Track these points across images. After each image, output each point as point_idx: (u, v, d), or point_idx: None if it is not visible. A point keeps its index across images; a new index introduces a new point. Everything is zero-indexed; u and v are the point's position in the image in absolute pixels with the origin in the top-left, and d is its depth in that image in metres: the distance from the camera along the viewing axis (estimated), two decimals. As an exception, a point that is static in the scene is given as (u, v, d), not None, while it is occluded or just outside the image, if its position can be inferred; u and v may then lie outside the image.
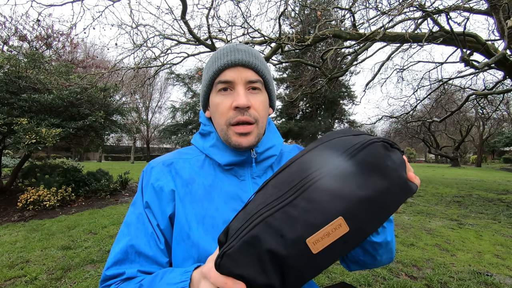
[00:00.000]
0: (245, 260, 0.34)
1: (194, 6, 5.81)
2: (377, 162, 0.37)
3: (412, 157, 43.72)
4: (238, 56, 0.58)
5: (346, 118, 23.34)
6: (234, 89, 0.58)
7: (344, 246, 0.35)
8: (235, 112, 0.57)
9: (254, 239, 0.35)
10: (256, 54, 0.61)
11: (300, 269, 0.35)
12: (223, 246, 0.36)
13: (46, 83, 5.36)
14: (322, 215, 0.35)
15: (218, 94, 0.59)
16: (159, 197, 0.58)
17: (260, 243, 0.35)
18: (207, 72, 0.61)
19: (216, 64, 0.59)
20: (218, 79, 0.58)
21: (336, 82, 11.10)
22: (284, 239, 0.35)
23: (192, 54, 6.27)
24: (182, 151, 0.67)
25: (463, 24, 4.54)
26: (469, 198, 7.09)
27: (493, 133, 25.13)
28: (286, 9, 5.02)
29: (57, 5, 4.87)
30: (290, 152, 0.72)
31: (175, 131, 18.28)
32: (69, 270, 2.66)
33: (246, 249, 0.34)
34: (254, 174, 0.63)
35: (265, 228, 0.35)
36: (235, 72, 0.57)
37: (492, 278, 2.57)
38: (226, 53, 0.59)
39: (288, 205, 0.37)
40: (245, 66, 0.58)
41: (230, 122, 0.58)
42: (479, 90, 9.06)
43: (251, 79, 0.58)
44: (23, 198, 4.96)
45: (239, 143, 0.58)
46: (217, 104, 0.59)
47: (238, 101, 0.56)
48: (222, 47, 0.63)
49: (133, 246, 0.55)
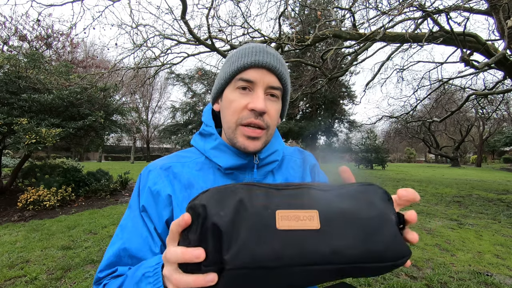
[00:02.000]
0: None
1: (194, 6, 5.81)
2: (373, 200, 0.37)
3: (412, 157, 43.74)
4: (267, 58, 0.56)
5: (346, 118, 23.36)
6: (253, 90, 0.56)
7: (309, 246, 0.32)
8: (249, 114, 0.56)
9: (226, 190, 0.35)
10: (282, 61, 0.59)
11: (254, 238, 0.31)
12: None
13: (46, 83, 5.36)
14: (300, 202, 0.34)
15: (235, 90, 0.57)
16: (156, 201, 0.57)
17: (235, 193, 0.34)
18: (230, 66, 0.58)
19: (242, 60, 0.56)
20: (240, 76, 0.56)
21: (336, 82, 11.10)
22: (255, 199, 0.34)
23: (192, 54, 6.27)
24: (180, 154, 0.66)
25: (463, 24, 4.54)
26: (469, 198, 7.09)
27: (493, 133, 25.14)
28: (286, 9, 5.02)
29: (57, 5, 4.87)
30: (291, 155, 0.71)
31: (175, 131, 18.30)
32: (69, 270, 2.66)
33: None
34: (254, 180, 0.61)
35: (243, 190, 0.35)
36: (259, 73, 0.56)
37: (492, 278, 2.57)
38: (254, 52, 0.57)
39: (273, 188, 0.36)
40: (271, 71, 0.56)
41: (241, 121, 0.56)
42: (479, 90, 9.07)
43: (273, 85, 0.57)
44: (23, 198, 4.96)
45: (246, 146, 0.57)
46: (232, 101, 0.57)
47: (256, 104, 0.54)
48: (251, 44, 0.60)
49: (126, 250, 0.55)
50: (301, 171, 0.68)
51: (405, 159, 44.30)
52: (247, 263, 0.31)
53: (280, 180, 0.65)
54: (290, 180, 0.65)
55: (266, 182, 0.62)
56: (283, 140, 0.71)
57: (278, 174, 0.65)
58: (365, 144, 21.84)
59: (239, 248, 0.31)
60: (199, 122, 17.33)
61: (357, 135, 24.93)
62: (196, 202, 0.34)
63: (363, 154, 21.31)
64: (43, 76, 5.44)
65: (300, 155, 0.72)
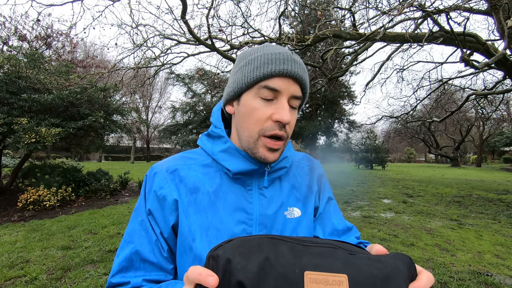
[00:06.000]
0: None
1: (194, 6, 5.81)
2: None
3: (412, 157, 43.74)
4: (295, 68, 0.54)
5: (346, 118, 23.35)
6: (277, 99, 0.54)
7: None
8: (274, 125, 0.54)
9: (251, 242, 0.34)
10: (306, 69, 0.58)
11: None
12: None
13: (46, 83, 5.36)
14: (329, 264, 0.33)
15: (258, 98, 0.55)
16: (162, 206, 0.56)
17: (261, 248, 0.33)
18: (253, 70, 0.55)
19: (268, 67, 0.53)
20: (265, 84, 0.53)
21: (336, 82, 11.10)
22: (282, 257, 0.33)
23: (192, 54, 6.27)
24: (187, 156, 0.64)
25: (463, 24, 4.54)
26: (469, 198, 7.09)
27: (493, 133, 25.14)
28: (286, 9, 5.02)
29: (57, 4, 4.87)
30: (299, 162, 0.70)
31: (175, 131, 18.29)
32: (69, 270, 2.66)
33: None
34: (261, 185, 0.60)
35: (267, 242, 0.34)
36: (285, 82, 0.53)
37: (492, 278, 2.57)
38: (282, 60, 0.54)
39: (299, 244, 0.35)
40: (296, 80, 0.54)
41: (265, 132, 0.54)
42: (479, 90, 9.07)
43: (296, 94, 0.55)
44: (23, 198, 4.96)
45: (266, 157, 0.55)
46: (254, 109, 0.55)
47: (283, 116, 0.52)
48: (276, 49, 0.56)
49: (137, 253, 0.54)
50: (309, 179, 0.67)
51: (405, 159, 44.31)
52: None
53: (287, 186, 0.63)
54: (297, 187, 0.64)
55: (273, 187, 0.61)
56: None
57: (285, 180, 0.64)
58: (365, 144, 21.85)
59: None
60: (199, 122, 17.30)
61: (357, 135, 24.96)
62: (220, 253, 0.33)
63: (363, 154, 21.32)
64: (43, 76, 5.44)
65: (308, 163, 0.71)
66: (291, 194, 0.62)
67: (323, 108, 21.09)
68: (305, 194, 0.64)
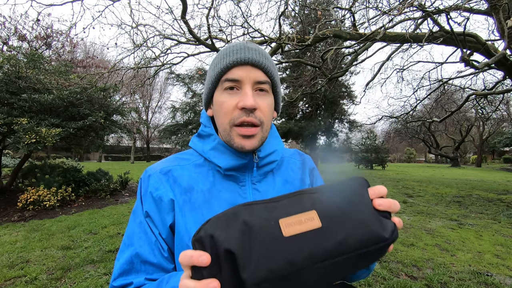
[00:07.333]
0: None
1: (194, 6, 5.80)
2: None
3: (412, 157, 43.73)
4: (249, 54, 0.55)
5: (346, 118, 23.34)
6: (241, 88, 0.56)
7: (316, 245, 0.34)
8: (240, 113, 0.55)
9: (232, 215, 0.37)
10: (266, 55, 0.59)
11: (266, 252, 0.33)
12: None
13: (46, 83, 5.36)
14: (299, 209, 0.37)
15: (223, 92, 0.57)
16: (159, 207, 0.57)
17: (237, 216, 0.36)
18: (214, 69, 0.58)
19: (224, 60, 0.56)
20: (225, 77, 0.56)
21: (336, 82, 11.10)
22: (257, 216, 0.36)
23: (192, 54, 6.27)
24: (179, 157, 0.65)
25: (463, 24, 4.54)
26: (469, 198, 7.09)
27: (493, 133, 25.14)
28: (286, 9, 5.02)
29: (57, 4, 4.87)
30: (291, 157, 0.71)
31: (175, 131, 18.27)
32: (69, 270, 2.66)
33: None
34: (254, 180, 0.62)
35: (245, 210, 0.37)
36: (243, 71, 0.55)
37: (492, 278, 2.57)
38: (236, 51, 0.56)
39: (270, 202, 0.39)
40: (255, 66, 0.56)
41: (234, 122, 0.56)
42: (479, 90, 9.06)
43: (260, 79, 0.56)
44: (23, 198, 4.96)
45: (242, 145, 0.56)
46: (221, 103, 0.57)
47: (245, 102, 0.54)
48: (232, 44, 0.59)
49: (138, 255, 0.55)
50: (301, 173, 0.69)
51: (405, 159, 44.30)
52: (266, 276, 0.32)
53: (280, 181, 0.65)
54: (290, 181, 0.66)
55: (267, 182, 0.63)
56: (282, 141, 0.71)
57: (278, 174, 0.65)
58: (365, 144, 21.85)
59: (255, 265, 0.32)
60: (199, 122, 17.24)
61: (357, 135, 24.91)
62: (202, 234, 0.35)
63: (363, 154, 21.32)
64: (43, 76, 5.44)
65: (300, 157, 0.73)
66: (284, 188, 0.64)
67: (323, 108, 21.06)
68: (298, 188, 0.66)
